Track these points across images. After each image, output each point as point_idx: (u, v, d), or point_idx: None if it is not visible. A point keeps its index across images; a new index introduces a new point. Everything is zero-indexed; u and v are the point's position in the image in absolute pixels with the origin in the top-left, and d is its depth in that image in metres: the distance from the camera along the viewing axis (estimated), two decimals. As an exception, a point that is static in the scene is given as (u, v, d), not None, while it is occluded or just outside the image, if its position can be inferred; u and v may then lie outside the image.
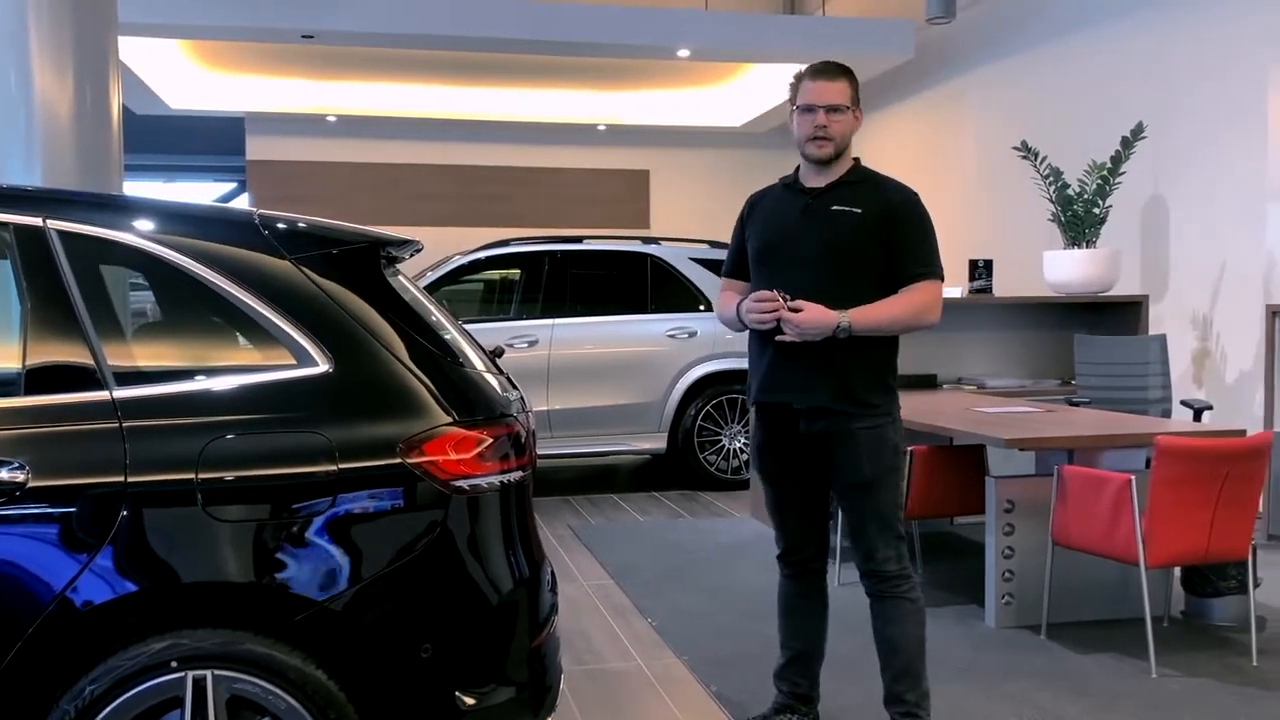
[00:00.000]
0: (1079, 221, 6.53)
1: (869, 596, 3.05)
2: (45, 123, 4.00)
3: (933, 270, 2.96)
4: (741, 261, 3.18)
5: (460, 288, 7.54)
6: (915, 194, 3.03)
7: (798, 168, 3.10)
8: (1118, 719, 3.36)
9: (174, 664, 2.11)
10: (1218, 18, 6.56)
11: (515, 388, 2.62)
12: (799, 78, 3.02)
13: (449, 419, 2.30)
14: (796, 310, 2.86)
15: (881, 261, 2.95)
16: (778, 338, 2.90)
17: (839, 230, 2.95)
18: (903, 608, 2.99)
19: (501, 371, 2.63)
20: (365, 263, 2.43)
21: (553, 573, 2.62)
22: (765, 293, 2.93)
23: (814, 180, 3.04)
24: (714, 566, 5.30)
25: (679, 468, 7.41)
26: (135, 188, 9.43)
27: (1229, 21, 6.47)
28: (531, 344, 7.05)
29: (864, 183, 3.02)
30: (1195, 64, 6.71)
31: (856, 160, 3.07)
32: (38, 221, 2.29)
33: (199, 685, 2.12)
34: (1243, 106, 6.34)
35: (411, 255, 2.73)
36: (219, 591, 2.18)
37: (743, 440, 7.37)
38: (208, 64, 9.90)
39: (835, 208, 2.97)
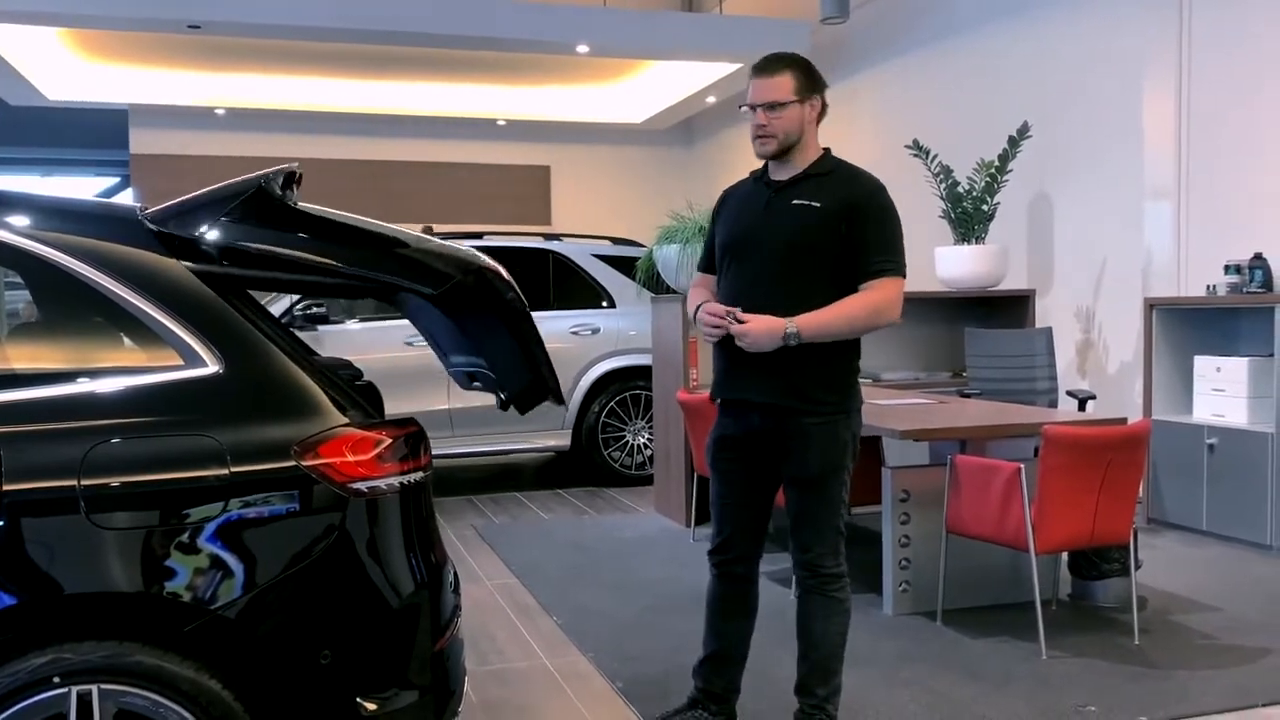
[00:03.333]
0: (968, 218, 6.72)
1: (798, 588, 3.05)
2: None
3: (893, 266, 2.89)
4: (713, 257, 3.13)
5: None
6: (880, 186, 2.96)
7: (767, 162, 3.04)
8: (1011, 700, 3.47)
9: (56, 679, 2.03)
10: (1098, 22, 6.82)
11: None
12: (750, 76, 2.97)
13: (345, 419, 2.25)
14: (743, 323, 2.83)
15: (841, 256, 2.88)
16: (736, 342, 2.87)
17: (798, 225, 2.90)
18: (830, 605, 2.97)
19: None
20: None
21: (455, 574, 2.59)
22: (715, 306, 2.91)
23: (779, 173, 2.99)
24: (619, 562, 5.31)
25: (583, 464, 7.40)
26: (9, 182, 9.00)
27: (1107, 26, 6.74)
28: (432, 342, 6.94)
29: (829, 175, 2.95)
30: (1076, 66, 6.97)
31: (826, 151, 3.00)
32: (-99, 217, 2.16)
33: (84, 700, 2.04)
34: (1120, 108, 6.61)
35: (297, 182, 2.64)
36: (105, 602, 2.09)
37: (646, 436, 7.39)
38: (89, 54, 9.50)
39: (796, 202, 2.91)
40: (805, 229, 2.90)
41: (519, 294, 2.50)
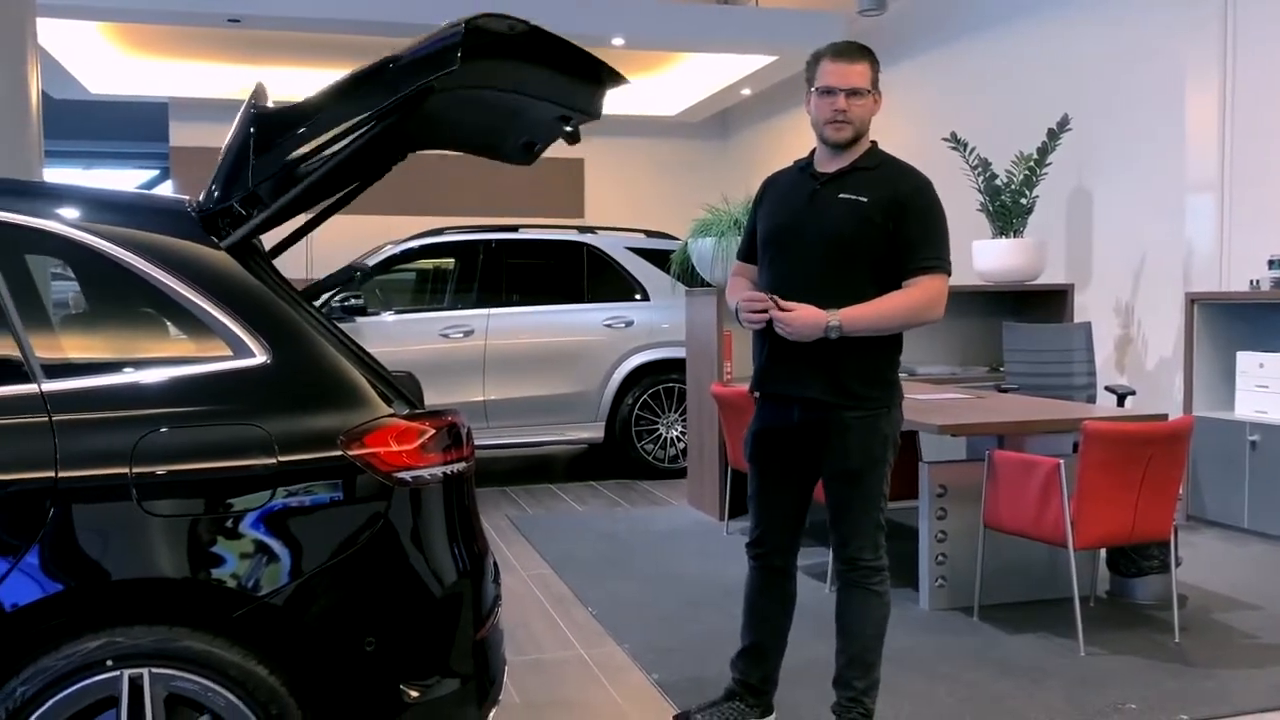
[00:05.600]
0: (1007, 211, 6.67)
1: (838, 581, 3.04)
2: (-40, 107, 3.87)
3: (938, 263, 2.86)
4: (754, 245, 3.11)
5: (393, 277, 7.45)
6: (926, 183, 2.92)
7: (814, 150, 3.01)
8: (1048, 696, 3.46)
9: (109, 663, 2.07)
10: (1139, 13, 6.73)
11: None
12: (816, 58, 2.92)
13: (389, 410, 2.28)
14: (787, 310, 2.81)
15: (885, 253, 2.86)
16: (776, 329, 2.86)
17: (843, 220, 2.87)
18: (869, 599, 2.97)
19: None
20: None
21: (495, 564, 2.61)
22: (757, 294, 2.90)
23: (826, 165, 2.95)
24: (653, 555, 5.32)
25: (616, 457, 7.42)
26: (53, 175, 9.14)
27: (1149, 17, 6.65)
28: (467, 334, 7.00)
29: (876, 169, 2.92)
30: (1117, 58, 6.89)
31: (873, 144, 2.97)
32: (-42, 209, 2.21)
33: (135, 684, 2.08)
34: (1162, 100, 6.53)
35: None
36: (155, 588, 2.13)
37: (680, 429, 7.40)
38: (130, 48, 9.62)
39: (842, 195, 2.88)
40: (850, 224, 2.87)
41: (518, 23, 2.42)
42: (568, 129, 2.63)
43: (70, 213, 2.28)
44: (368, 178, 2.79)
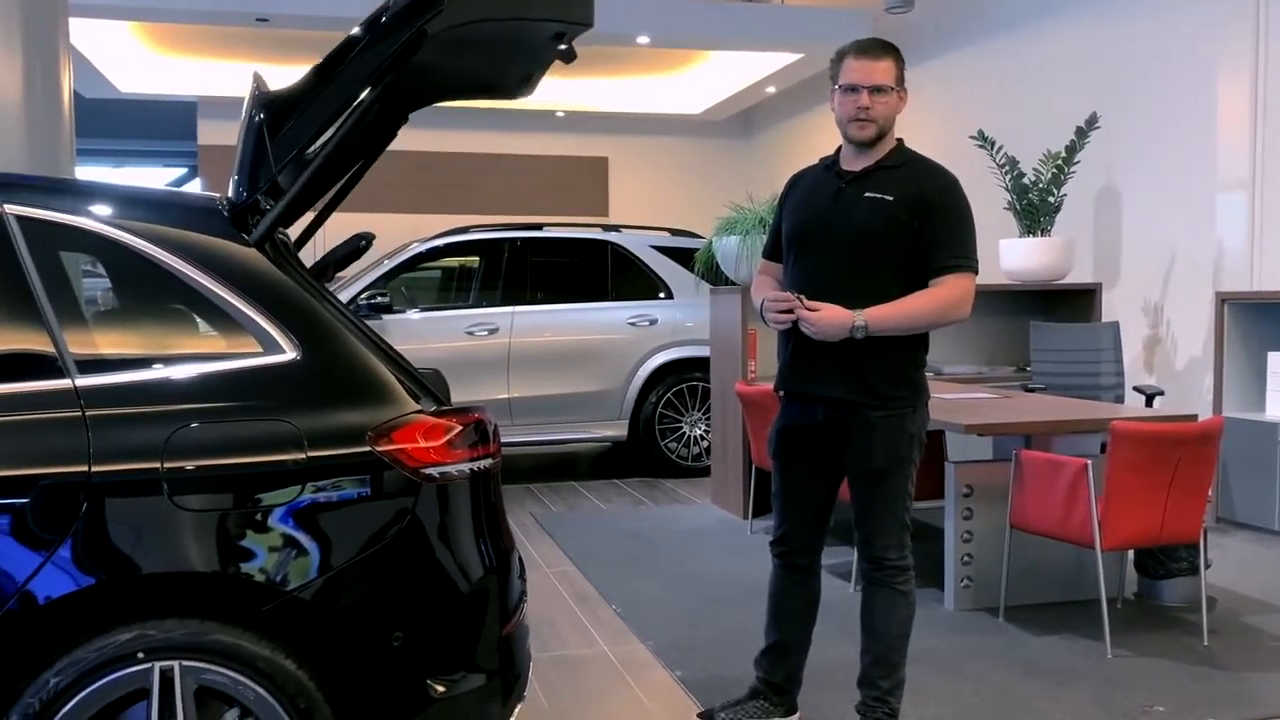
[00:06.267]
0: (1034, 210, 6.62)
1: (863, 580, 3.04)
2: (-6, 106, 3.91)
3: (964, 263, 2.85)
4: (779, 244, 3.09)
5: (419, 275, 7.49)
6: (953, 181, 2.90)
7: (839, 148, 3.00)
8: (1074, 698, 3.43)
9: (140, 655, 2.09)
10: (1168, 9, 6.67)
11: None
12: (840, 55, 2.90)
13: (417, 406, 2.29)
14: (813, 310, 2.80)
15: (910, 252, 2.84)
16: (802, 328, 2.84)
17: (868, 219, 2.85)
18: (894, 598, 2.96)
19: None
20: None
21: (521, 560, 2.62)
22: (782, 294, 2.89)
23: (852, 163, 2.94)
24: (676, 553, 5.32)
25: (640, 455, 7.42)
26: (83, 173, 9.23)
27: (1179, 13, 6.59)
28: (492, 332, 7.03)
29: (901, 167, 2.90)
30: (1148, 55, 6.82)
31: (899, 142, 2.95)
32: (-6, 206, 2.24)
33: (166, 676, 2.10)
34: (1192, 98, 6.47)
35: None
36: (185, 582, 2.15)
37: (703, 427, 7.40)
38: (159, 47, 9.71)
39: (867, 194, 2.86)
40: (875, 222, 2.86)
41: None
42: (561, 48, 2.55)
43: (104, 210, 2.31)
44: (372, 152, 2.79)
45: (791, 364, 3.00)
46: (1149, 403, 5.69)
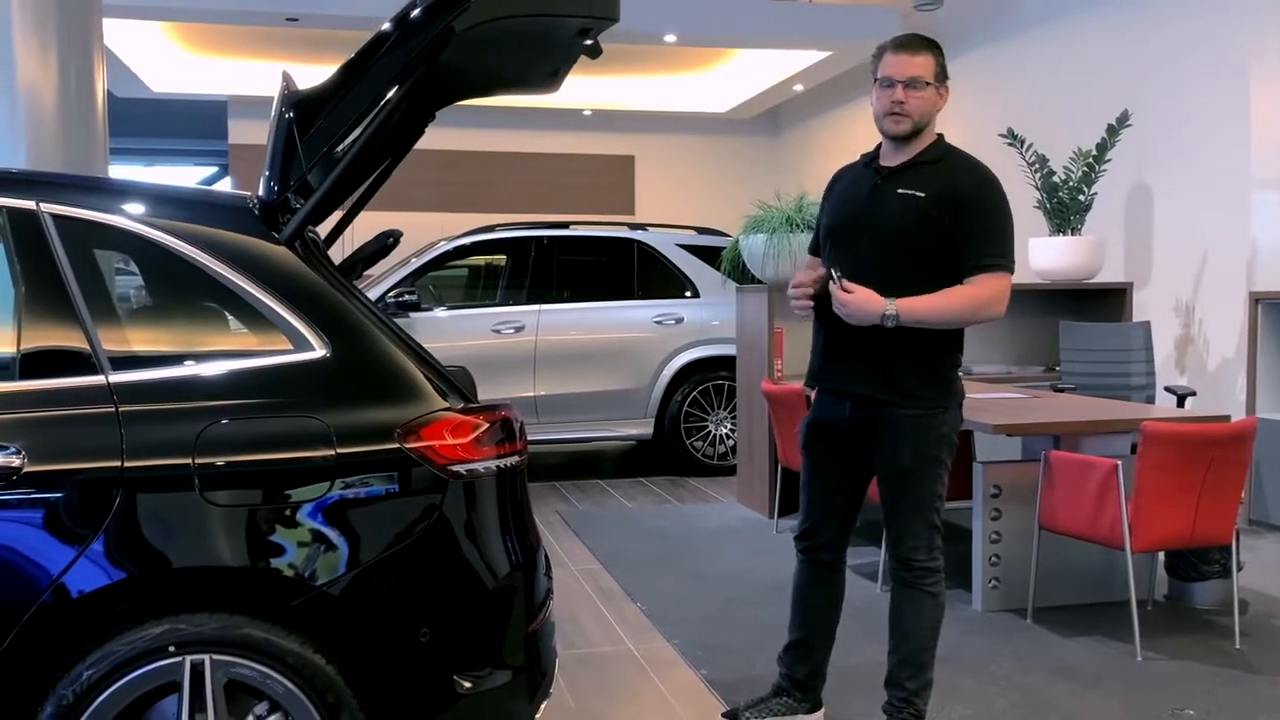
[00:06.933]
0: (1064, 209, 6.56)
1: (891, 580, 3.03)
2: (29, 105, 3.96)
3: (1000, 261, 2.82)
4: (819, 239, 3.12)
5: (446, 273, 7.52)
6: (989, 177, 2.88)
7: (879, 144, 2.99)
8: (1103, 700, 3.40)
9: (172, 649, 2.11)
10: (1202, 5, 6.59)
11: None
12: (880, 50, 2.90)
13: (445, 404, 2.30)
14: (847, 291, 2.80)
15: (943, 249, 2.83)
16: (834, 308, 2.85)
17: (899, 214, 2.85)
18: (923, 600, 2.94)
19: None
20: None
21: (547, 557, 2.63)
22: (812, 274, 2.95)
23: (890, 158, 2.93)
24: (702, 552, 5.32)
25: (665, 453, 7.42)
26: (116, 171, 9.33)
27: (1213, 10, 6.51)
28: (518, 330, 7.05)
29: (937, 163, 2.88)
30: (1180, 52, 6.75)
31: (939, 137, 2.94)
32: (31, 205, 2.27)
33: (197, 670, 2.12)
34: (1226, 94, 6.39)
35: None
36: (216, 576, 2.18)
37: (729, 426, 7.39)
38: (190, 46, 9.81)
39: (901, 190, 2.86)
40: (906, 218, 2.85)
41: None
42: (587, 43, 2.56)
43: (136, 209, 2.34)
44: (400, 150, 2.81)
45: (823, 360, 3.01)
46: (1180, 403, 5.62)
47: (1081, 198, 6.55)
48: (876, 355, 2.86)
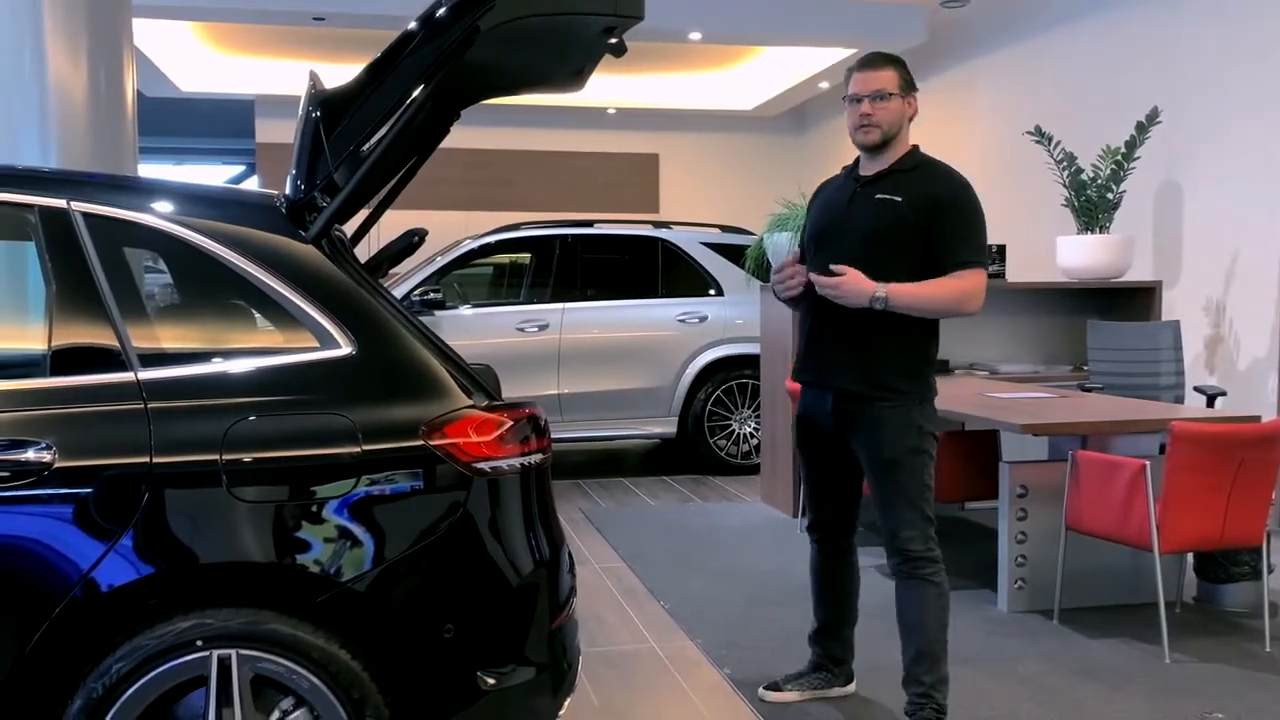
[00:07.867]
0: (1092, 207, 6.50)
1: (894, 575, 3.09)
2: (60, 104, 4.00)
3: (976, 260, 2.98)
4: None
5: (470, 272, 7.55)
6: (964, 184, 3.03)
7: (858, 157, 3.16)
8: (1130, 702, 3.38)
9: (199, 643, 2.13)
10: (1234, 3, 6.51)
11: None
12: (849, 72, 3.10)
13: (470, 401, 2.31)
14: (838, 273, 2.91)
15: (921, 251, 2.97)
16: (822, 291, 2.95)
17: (878, 218, 3.01)
18: (926, 591, 3.02)
19: None
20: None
21: (570, 555, 2.63)
22: (793, 266, 3.07)
23: (867, 168, 3.11)
24: (725, 550, 5.32)
25: (689, 452, 7.42)
26: (145, 170, 9.43)
27: (1246, 7, 6.43)
28: (542, 328, 7.06)
29: (913, 170, 3.05)
30: (1211, 48, 6.67)
31: (914, 147, 3.10)
32: (62, 203, 2.30)
33: (224, 664, 2.14)
34: (1257, 91, 6.31)
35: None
36: (243, 572, 2.20)
37: (753, 425, 7.37)
38: (218, 46, 9.89)
39: (879, 195, 3.02)
40: (884, 221, 2.99)
41: None
42: (612, 41, 2.59)
43: (165, 207, 2.36)
44: (425, 149, 2.82)
45: (806, 353, 3.15)
46: (1210, 403, 5.56)
47: (1110, 196, 6.49)
48: (858, 350, 2.99)
